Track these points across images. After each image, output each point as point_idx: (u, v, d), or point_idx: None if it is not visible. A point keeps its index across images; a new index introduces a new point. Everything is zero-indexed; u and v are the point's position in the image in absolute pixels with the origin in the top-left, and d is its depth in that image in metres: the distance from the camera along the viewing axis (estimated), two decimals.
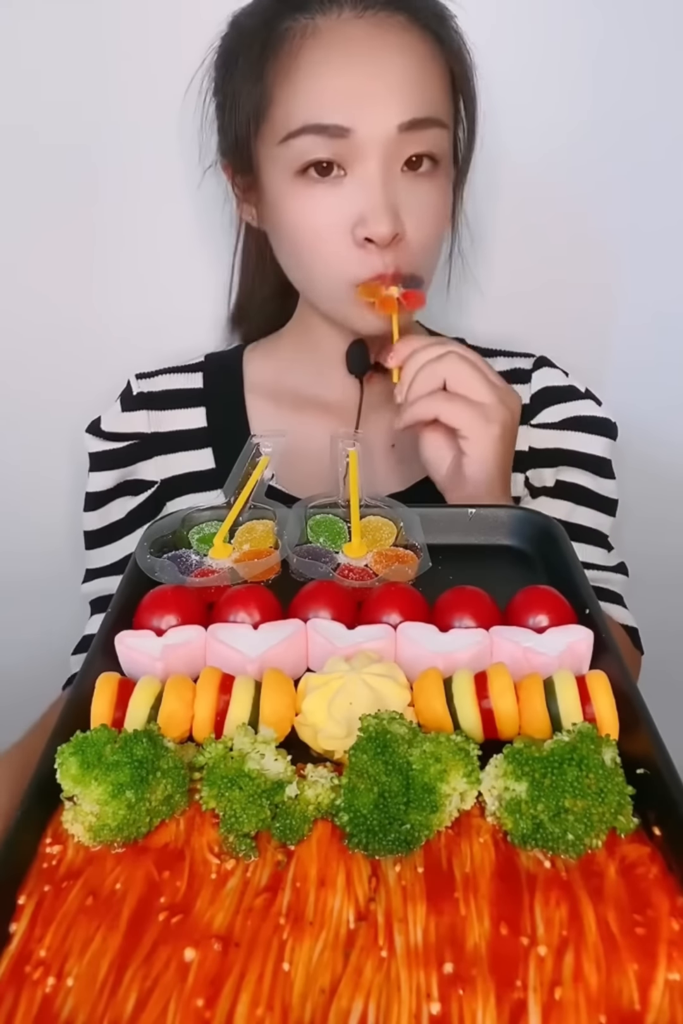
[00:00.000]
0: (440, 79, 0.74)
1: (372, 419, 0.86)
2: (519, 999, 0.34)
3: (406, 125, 0.70)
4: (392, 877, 0.39)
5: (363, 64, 0.70)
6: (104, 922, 0.37)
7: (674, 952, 0.36)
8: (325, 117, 0.70)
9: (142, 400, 0.88)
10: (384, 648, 0.52)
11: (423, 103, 0.71)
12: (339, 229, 0.72)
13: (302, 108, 0.71)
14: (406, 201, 0.72)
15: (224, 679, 0.48)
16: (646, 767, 0.43)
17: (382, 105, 0.70)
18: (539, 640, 0.51)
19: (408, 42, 0.72)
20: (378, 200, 0.70)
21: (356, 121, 0.69)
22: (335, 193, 0.72)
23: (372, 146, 0.70)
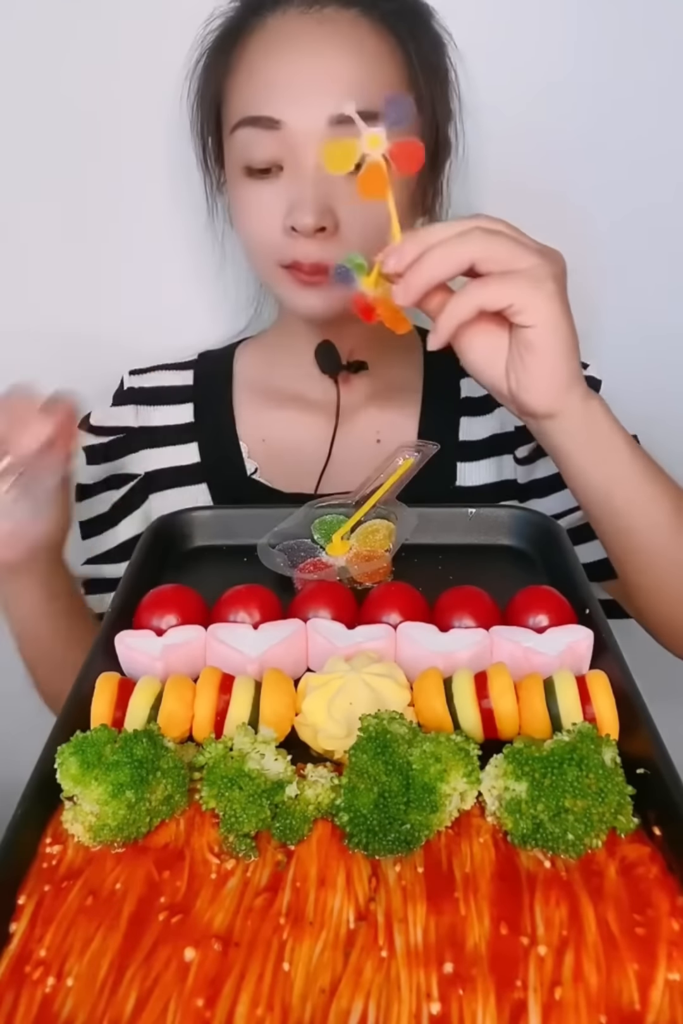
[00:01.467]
0: (391, 74, 0.73)
1: (357, 415, 0.86)
2: (519, 999, 0.34)
3: (338, 118, 0.69)
4: (392, 877, 0.39)
5: (298, 57, 0.70)
6: (104, 922, 0.37)
7: (674, 952, 0.36)
8: (258, 109, 0.71)
9: (131, 395, 0.89)
10: (384, 648, 0.52)
11: (363, 96, 0.67)
12: (271, 220, 0.73)
13: (241, 101, 0.72)
14: (343, 196, 0.71)
15: (224, 679, 0.48)
16: (646, 767, 0.43)
17: (313, 97, 0.69)
18: (539, 640, 0.51)
19: (354, 36, 0.71)
20: (306, 192, 0.70)
21: (286, 113, 0.70)
22: (271, 187, 0.73)
23: (303, 139, 0.70)
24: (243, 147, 0.73)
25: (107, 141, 0.92)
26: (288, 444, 0.85)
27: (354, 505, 0.66)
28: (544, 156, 0.94)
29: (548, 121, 0.93)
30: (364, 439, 0.85)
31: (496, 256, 0.56)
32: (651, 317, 1.02)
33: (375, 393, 0.87)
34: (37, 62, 0.88)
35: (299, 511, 0.66)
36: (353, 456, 0.80)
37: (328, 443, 0.83)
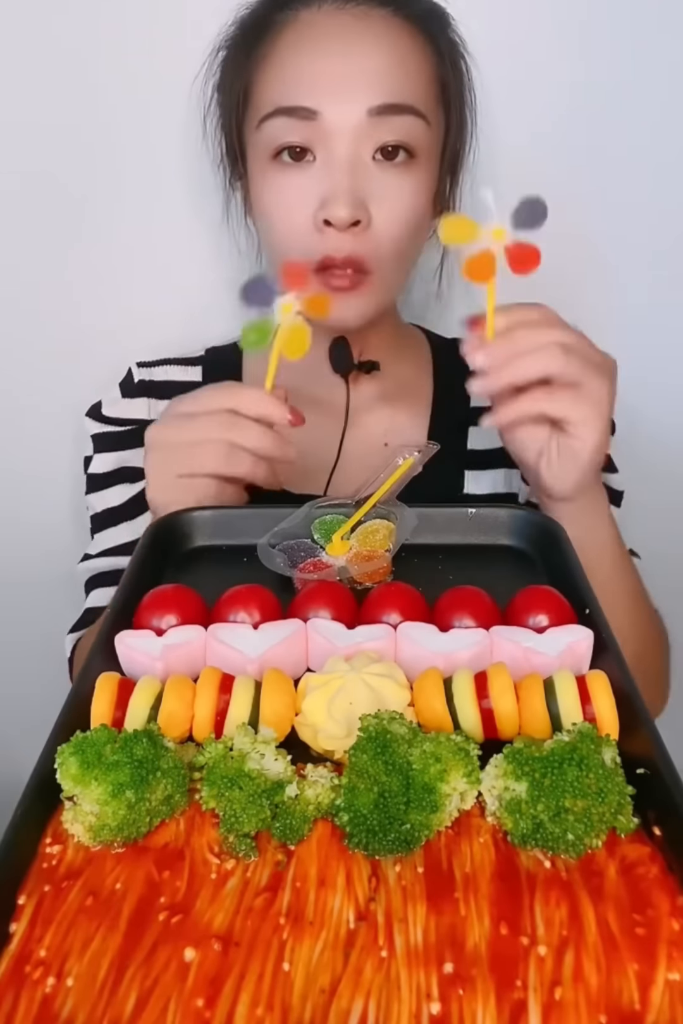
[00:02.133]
0: (421, 73, 0.74)
1: (365, 416, 0.86)
2: (519, 999, 0.34)
3: (376, 110, 0.70)
4: (392, 877, 0.39)
5: (335, 50, 0.71)
6: (104, 922, 0.37)
7: (674, 952, 0.36)
8: (293, 99, 0.71)
9: (143, 388, 0.89)
10: (384, 648, 0.52)
11: (397, 90, 0.71)
12: (303, 211, 0.72)
13: (274, 91, 0.72)
14: (376, 190, 0.72)
15: (224, 679, 0.48)
16: (646, 767, 0.43)
17: (351, 89, 0.70)
18: (539, 640, 0.51)
19: (388, 32, 0.72)
20: (340, 184, 0.70)
21: (323, 104, 0.70)
22: (304, 176, 0.72)
23: (340, 130, 0.70)
24: (274, 136, 0.72)
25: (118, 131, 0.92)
26: (297, 445, 0.85)
27: (354, 505, 0.66)
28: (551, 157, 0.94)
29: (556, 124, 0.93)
30: (373, 441, 0.85)
31: (568, 374, 0.63)
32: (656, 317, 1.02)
33: (384, 395, 0.87)
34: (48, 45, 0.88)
35: (299, 511, 0.66)
36: (362, 458, 0.80)
37: (336, 444, 0.82)
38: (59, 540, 1.05)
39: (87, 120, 0.90)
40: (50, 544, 1.06)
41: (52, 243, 0.95)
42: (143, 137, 0.92)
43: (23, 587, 1.08)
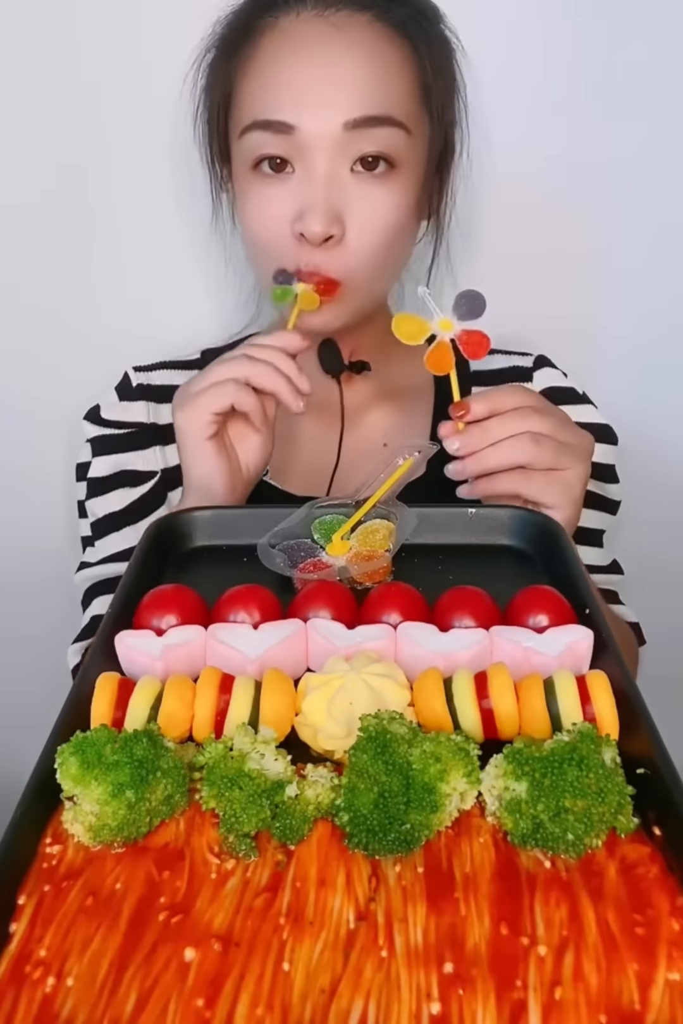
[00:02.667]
0: (403, 80, 0.73)
1: (363, 417, 0.86)
2: (519, 999, 0.34)
3: (353, 123, 0.69)
4: (392, 877, 0.39)
5: (312, 62, 0.70)
6: (104, 922, 0.37)
7: (674, 952, 0.36)
8: (270, 113, 0.70)
9: (141, 392, 0.88)
10: (384, 648, 0.52)
11: (376, 102, 0.70)
12: (281, 224, 0.73)
13: (253, 103, 0.72)
14: (353, 203, 0.72)
15: (224, 679, 0.48)
16: (646, 767, 0.43)
17: (327, 103, 0.69)
18: (539, 640, 0.51)
19: (368, 40, 0.71)
20: (316, 198, 0.70)
21: (300, 118, 0.69)
22: (282, 188, 0.72)
23: (316, 143, 0.70)
24: (253, 149, 0.72)
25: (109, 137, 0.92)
26: (297, 446, 0.85)
27: (354, 505, 0.66)
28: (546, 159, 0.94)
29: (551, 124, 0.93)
30: (372, 442, 0.85)
31: (540, 463, 0.66)
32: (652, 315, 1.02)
33: (381, 395, 0.87)
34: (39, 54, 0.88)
35: (299, 511, 0.66)
36: (362, 459, 0.80)
37: (335, 445, 0.82)
38: (58, 540, 1.05)
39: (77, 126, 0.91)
40: (49, 544, 1.06)
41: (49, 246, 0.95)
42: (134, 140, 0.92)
43: (23, 587, 1.08)
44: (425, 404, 0.88)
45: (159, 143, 0.92)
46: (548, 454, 0.66)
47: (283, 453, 0.84)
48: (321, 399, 0.86)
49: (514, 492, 0.68)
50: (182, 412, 0.72)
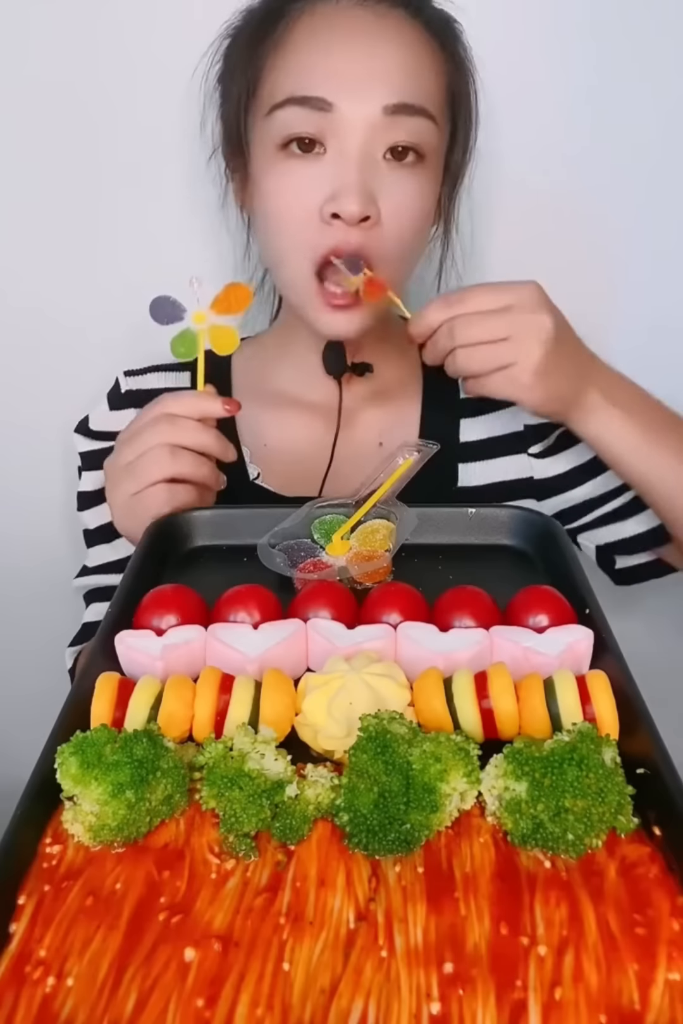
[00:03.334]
0: (434, 77, 0.74)
1: (357, 418, 0.86)
2: (519, 999, 0.34)
3: (392, 108, 0.70)
4: (392, 877, 0.39)
5: (354, 45, 0.71)
6: (104, 922, 0.37)
7: (674, 952, 0.36)
8: (309, 89, 0.70)
9: (130, 398, 0.88)
10: (384, 648, 0.52)
11: (412, 91, 0.71)
12: (310, 204, 0.72)
13: (288, 80, 0.71)
14: (385, 188, 0.72)
15: (224, 679, 0.48)
16: (646, 767, 0.43)
17: (369, 84, 0.70)
18: (539, 640, 0.51)
19: (404, 33, 0.72)
20: (352, 178, 0.70)
21: (340, 97, 0.69)
22: (312, 169, 0.72)
23: (354, 124, 0.70)
24: (284, 126, 0.72)
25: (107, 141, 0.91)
26: (289, 448, 0.85)
27: (354, 505, 0.66)
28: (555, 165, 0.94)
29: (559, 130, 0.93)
30: (366, 442, 0.84)
31: (481, 370, 0.70)
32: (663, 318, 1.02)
33: (374, 395, 0.87)
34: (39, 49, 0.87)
35: (299, 511, 0.66)
36: (355, 459, 0.80)
37: (329, 446, 0.82)
38: (58, 541, 1.05)
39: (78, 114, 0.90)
40: (49, 545, 1.06)
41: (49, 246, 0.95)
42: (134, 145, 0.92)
43: (23, 588, 1.08)
44: (413, 400, 0.88)
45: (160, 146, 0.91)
46: (480, 360, 0.69)
47: (275, 456, 0.84)
48: (317, 401, 0.86)
49: (475, 394, 0.72)
50: (113, 483, 0.72)
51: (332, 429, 0.83)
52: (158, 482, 0.68)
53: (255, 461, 0.84)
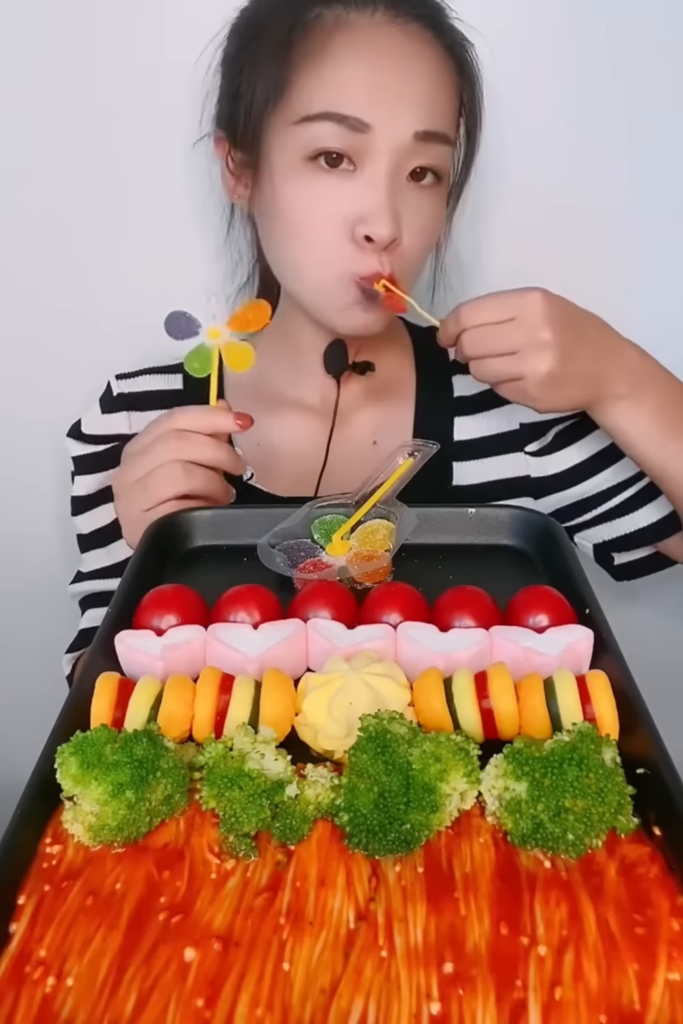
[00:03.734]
0: (453, 100, 0.75)
1: (354, 416, 0.86)
2: (519, 999, 0.34)
3: (422, 135, 0.71)
4: (392, 877, 0.39)
5: (392, 66, 0.71)
6: (104, 922, 0.37)
7: (674, 952, 0.36)
8: (348, 108, 0.70)
9: (122, 401, 0.88)
10: (384, 648, 0.52)
11: (439, 117, 0.73)
12: (339, 222, 0.72)
13: (326, 94, 0.71)
14: (407, 210, 0.73)
15: (224, 679, 0.48)
16: (646, 767, 0.43)
17: (405, 109, 0.70)
18: (539, 640, 0.51)
19: (432, 57, 0.73)
20: (384, 201, 0.71)
21: (377, 119, 0.70)
22: (341, 185, 0.72)
23: (387, 146, 0.71)
24: (316, 139, 0.71)
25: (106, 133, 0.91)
26: (284, 448, 0.85)
27: (354, 505, 0.66)
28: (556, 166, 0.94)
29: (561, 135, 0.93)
30: (360, 440, 0.85)
31: (496, 377, 0.71)
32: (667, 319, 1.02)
33: (369, 393, 0.87)
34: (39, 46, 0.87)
35: (299, 511, 0.66)
36: (350, 458, 0.80)
37: (323, 445, 0.82)
38: (57, 540, 1.05)
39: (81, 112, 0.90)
40: (47, 544, 1.06)
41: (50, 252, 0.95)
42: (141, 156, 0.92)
43: (23, 587, 1.08)
44: (407, 397, 0.88)
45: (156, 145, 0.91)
46: (493, 372, 0.70)
47: (269, 456, 0.84)
48: (311, 401, 0.86)
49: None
50: (124, 499, 0.72)
51: (326, 429, 0.83)
52: (170, 499, 0.69)
53: (248, 461, 0.84)
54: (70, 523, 0.91)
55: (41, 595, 1.07)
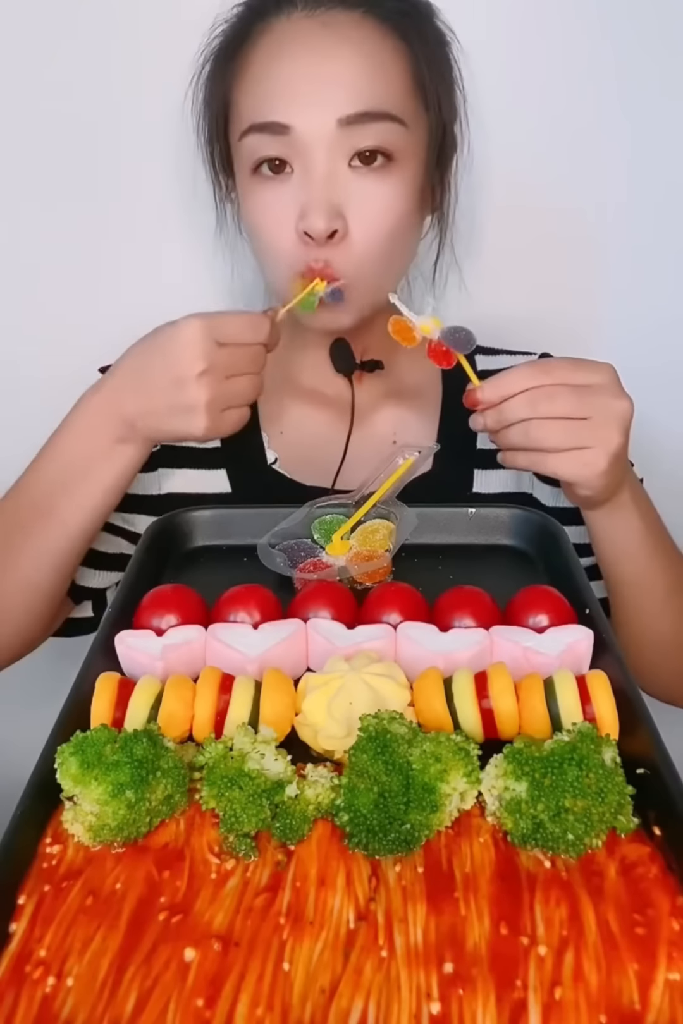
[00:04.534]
0: (397, 74, 0.73)
1: (373, 414, 0.86)
2: (519, 999, 0.34)
3: (347, 120, 0.69)
4: (392, 877, 0.39)
5: (304, 61, 0.70)
6: (104, 922, 0.37)
7: (674, 952, 0.36)
8: (266, 115, 0.70)
9: None
10: (384, 648, 0.52)
11: (369, 97, 0.70)
12: (284, 224, 0.72)
13: (249, 107, 0.72)
14: (353, 198, 0.71)
15: (224, 679, 0.48)
16: (646, 767, 0.43)
17: (320, 101, 0.70)
18: (539, 640, 0.51)
19: (359, 35, 0.71)
20: (316, 195, 0.70)
21: (294, 118, 0.70)
22: (283, 189, 0.72)
23: (313, 142, 0.70)
24: (252, 152, 0.72)
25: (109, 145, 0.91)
26: (306, 439, 0.85)
27: (354, 505, 0.66)
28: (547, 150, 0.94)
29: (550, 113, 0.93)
30: (380, 439, 0.84)
31: (556, 444, 0.64)
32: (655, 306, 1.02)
33: (391, 393, 0.87)
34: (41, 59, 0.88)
35: (299, 511, 0.66)
36: (369, 455, 0.80)
37: (343, 440, 0.82)
38: None
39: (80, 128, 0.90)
40: None
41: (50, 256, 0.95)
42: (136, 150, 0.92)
43: None
44: (433, 402, 0.88)
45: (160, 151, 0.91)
46: (560, 436, 0.64)
47: (293, 443, 0.84)
48: (333, 395, 0.86)
49: (532, 470, 0.68)
50: (213, 380, 0.66)
51: (345, 424, 0.83)
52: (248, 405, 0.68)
53: (272, 447, 0.84)
54: None
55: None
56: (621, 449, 0.65)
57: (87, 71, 0.88)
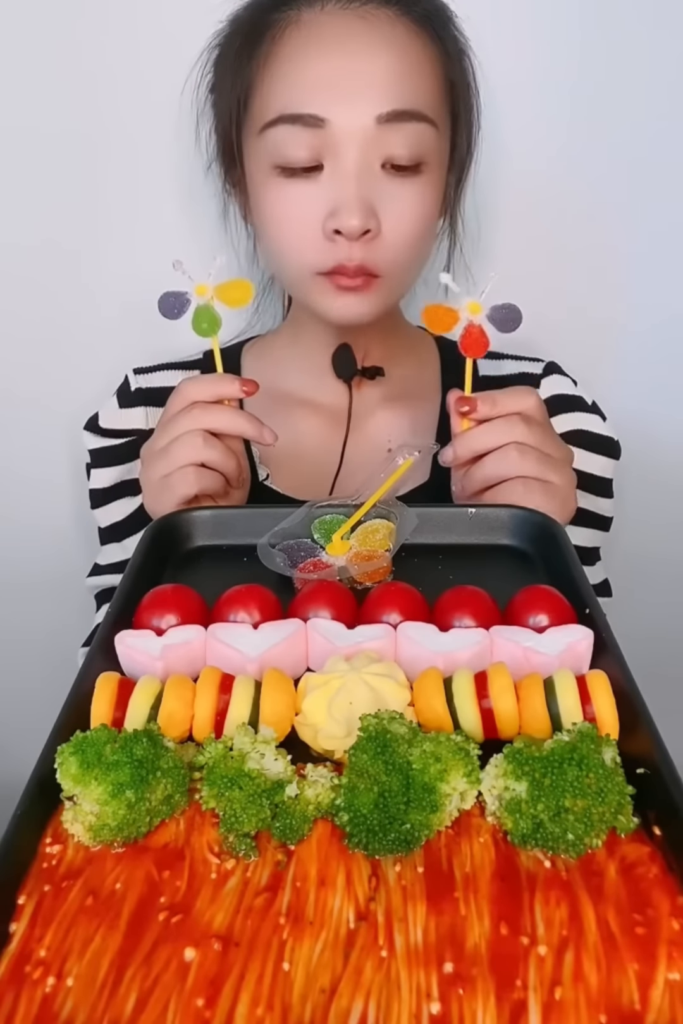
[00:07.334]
0: (429, 76, 0.72)
1: (368, 421, 0.85)
2: (519, 999, 0.34)
3: (385, 117, 0.69)
4: (392, 877, 0.39)
5: (342, 54, 0.69)
6: (104, 922, 0.37)
7: (674, 952, 0.36)
8: (299, 106, 0.69)
9: (140, 396, 0.88)
10: (384, 648, 0.52)
11: (406, 95, 0.69)
12: (310, 222, 0.71)
13: (278, 97, 0.70)
14: (385, 198, 0.71)
15: (224, 679, 0.48)
16: (646, 767, 0.43)
17: (360, 96, 0.68)
18: (539, 640, 0.51)
19: (394, 35, 0.70)
20: (351, 193, 0.69)
21: (332, 111, 0.68)
22: (311, 186, 0.71)
23: (348, 138, 0.69)
24: (278, 145, 0.70)
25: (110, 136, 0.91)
26: (299, 449, 0.84)
27: (354, 505, 0.66)
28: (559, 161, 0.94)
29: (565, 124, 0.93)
30: (376, 445, 0.84)
31: (525, 473, 0.67)
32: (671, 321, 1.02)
33: (387, 398, 0.87)
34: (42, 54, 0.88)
35: (299, 511, 0.66)
36: (365, 462, 0.79)
37: (339, 448, 0.82)
38: (60, 540, 1.05)
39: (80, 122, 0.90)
40: (51, 544, 1.06)
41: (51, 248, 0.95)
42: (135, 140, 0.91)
43: (24, 587, 1.08)
44: (431, 409, 0.87)
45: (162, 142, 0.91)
46: (531, 466, 0.67)
47: (285, 456, 0.84)
48: (327, 403, 0.86)
49: (501, 502, 0.69)
50: (147, 466, 0.72)
51: (341, 432, 0.83)
52: (187, 465, 0.69)
53: (264, 462, 0.84)
54: (78, 520, 0.91)
55: (44, 593, 1.07)
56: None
57: (91, 59, 0.88)
